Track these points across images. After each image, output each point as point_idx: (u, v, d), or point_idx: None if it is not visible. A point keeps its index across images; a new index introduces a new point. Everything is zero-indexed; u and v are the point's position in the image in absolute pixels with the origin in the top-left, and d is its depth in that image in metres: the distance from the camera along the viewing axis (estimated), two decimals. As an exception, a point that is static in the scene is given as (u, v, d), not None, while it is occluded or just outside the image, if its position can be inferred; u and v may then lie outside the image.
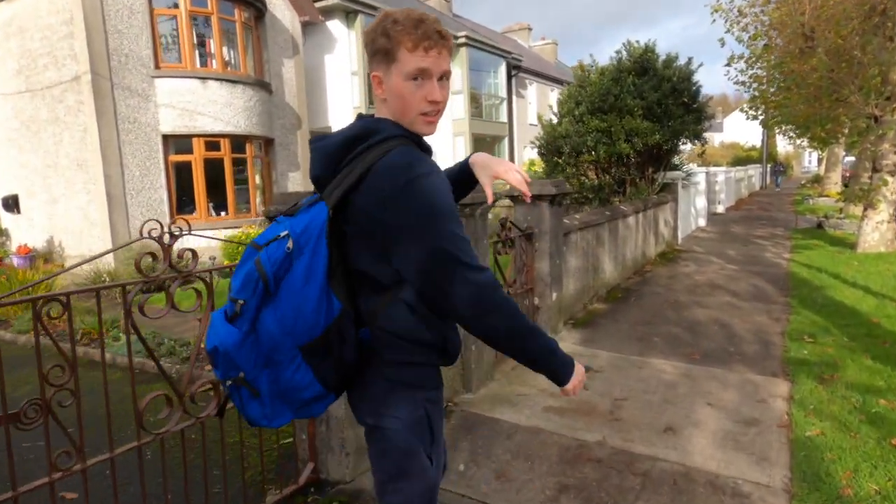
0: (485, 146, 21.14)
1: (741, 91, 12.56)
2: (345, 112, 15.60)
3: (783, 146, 42.56)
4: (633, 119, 9.49)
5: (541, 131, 11.18)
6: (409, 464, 1.39)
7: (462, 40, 18.82)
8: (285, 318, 1.24)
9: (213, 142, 11.10)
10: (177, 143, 10.91)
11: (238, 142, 11.56)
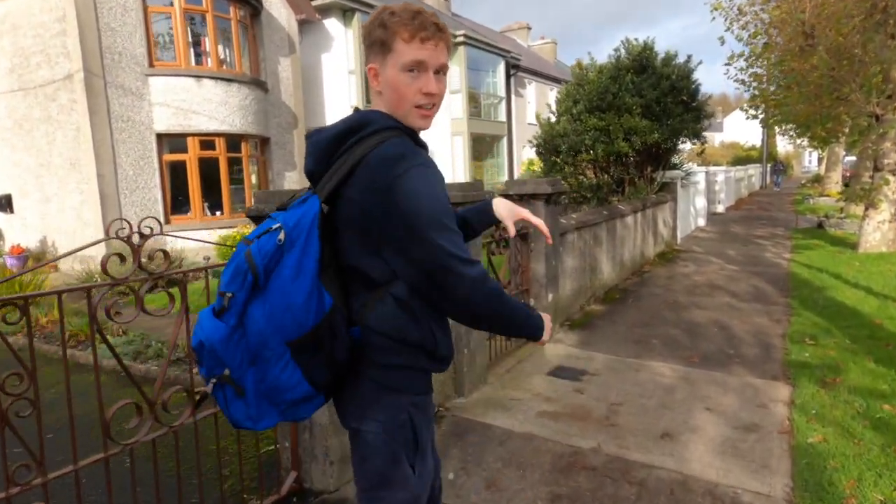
0: (483, 146, 21.04)
1: (741, 90, 12.47)
2: (342, 111, 15.49)
3: (783, 146, 42.48)
4: (632, 117, 9.38)
5: (539, 130, 11.07)
6: (390, 471, 1.34)
7: (460, 39, 18.71)
8: (274, 312, 1.20)
9: (207, 141, 11.00)
10: (171, 142, 10.80)
11: (233, 141, 11.45)
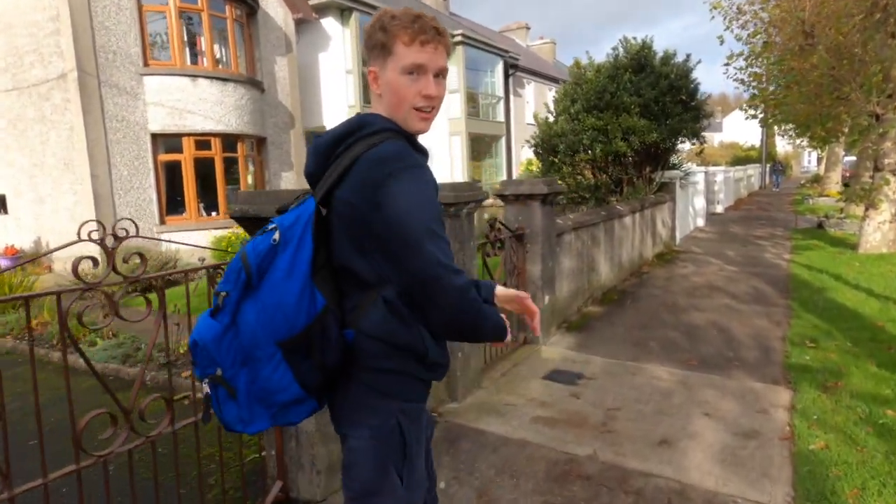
0: (482, 146, 20.95)
1: (741, 90, 12.43)
2: (339, 111, 15.41)
3: (783, 146, 42.42)
4: (630, 117, 9.28)
5: (537, 130, 10.99)
6: (378, 479, 1.30)
7: (458, 38, 18.62)
8: (266, 311, 1.21)
9: (203, 141, 10.91)
10: (166, 142, 10.72)
11: (229, 141, 11.37)
